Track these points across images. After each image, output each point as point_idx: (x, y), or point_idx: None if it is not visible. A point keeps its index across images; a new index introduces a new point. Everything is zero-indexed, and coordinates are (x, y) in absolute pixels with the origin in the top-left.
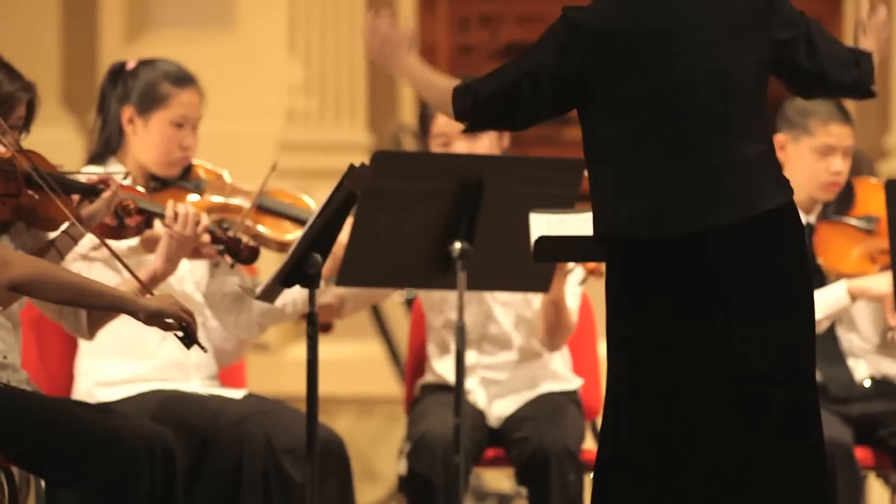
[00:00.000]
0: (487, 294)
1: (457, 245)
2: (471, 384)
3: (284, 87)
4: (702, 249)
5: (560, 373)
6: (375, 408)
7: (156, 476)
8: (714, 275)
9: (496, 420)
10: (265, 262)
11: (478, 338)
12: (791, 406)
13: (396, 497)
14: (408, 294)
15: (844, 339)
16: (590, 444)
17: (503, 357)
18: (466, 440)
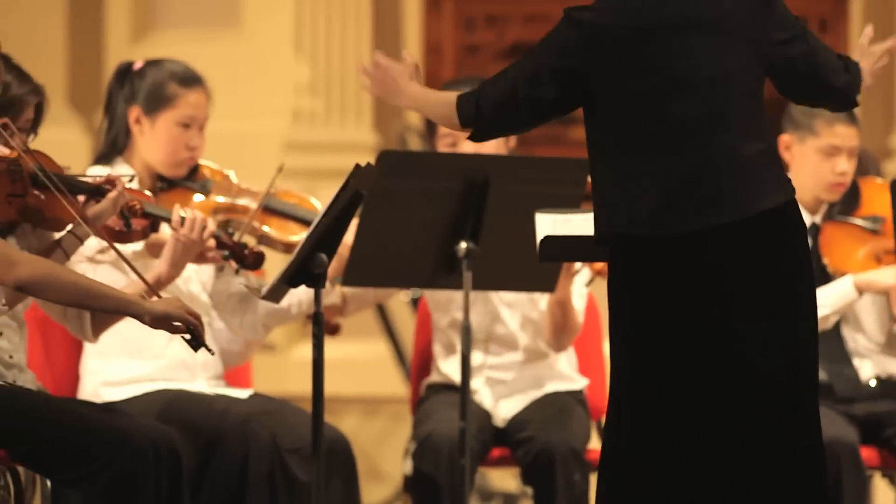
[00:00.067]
0: (493, 295)
1: (462, 245)
2: (476, 384)
3: (290, 87)
4: (703, 248)
5: (565, 373)
6: (381, 407)
7: (161, 476)
8: (715, 274)
9: (502, 420)
10: (271, 263)
11: (484, 338)
12: (791, 406)
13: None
14: (413, 294)
15: (850, 339)
16: (595, 444)
17: (509, 357)
18: (472, 440)
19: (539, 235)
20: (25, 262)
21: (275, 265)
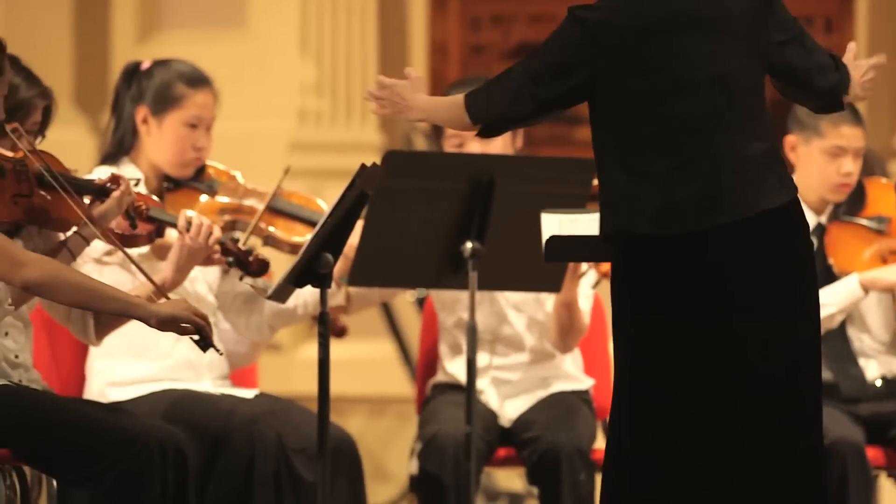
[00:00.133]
0: (500, 296)
1: (468, 245)
2: (482, 384)
3: (296, 87)
4: (704, 248)
5: (571, 373)
6: (387, 407)
7: (167, 475)
8: (716, 274)
9: (507, 420)
10: (277, 264)
11: (491, 339)
12: (792, 406)
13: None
14: (419, 293)
15: (855, 339)
16: (601, 444)
17: (515, 359)
18: (478, 440)
19: (545, 235)
20: (33, 263)
21: (281, 266)
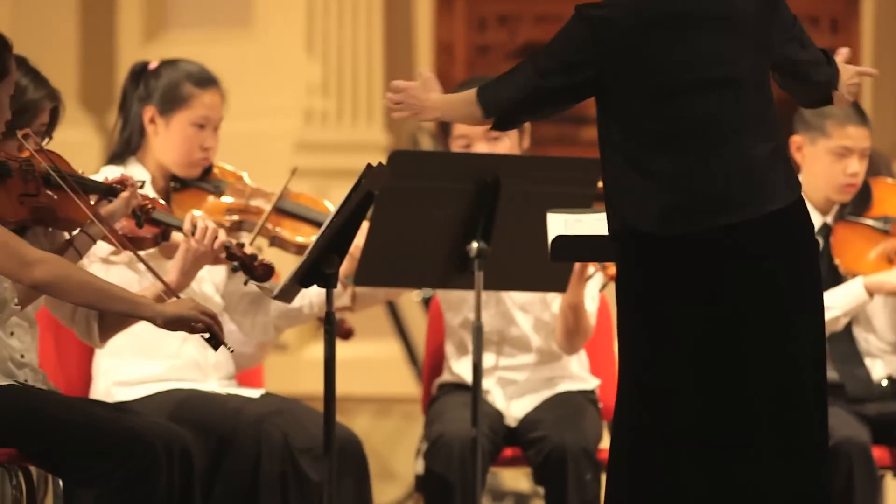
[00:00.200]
0: (506, 296)
1: (474, 245)
2: (488, 384)
3: (302, 87)
4: (710, 248)
5: (577, 373)
6: (393, 407)
7: (173, 475)
8: (721, 274)
9: (513, 420)
10: (283, 264)
11: (497, 340)
12: (795, 405)
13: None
14: (425, 293)
15: (862, 340)
16: (607, 444)
17: (522, 359)
18: (484, 440)
19: (551, 235)
20: (42, 262)
21: (287, 266)
